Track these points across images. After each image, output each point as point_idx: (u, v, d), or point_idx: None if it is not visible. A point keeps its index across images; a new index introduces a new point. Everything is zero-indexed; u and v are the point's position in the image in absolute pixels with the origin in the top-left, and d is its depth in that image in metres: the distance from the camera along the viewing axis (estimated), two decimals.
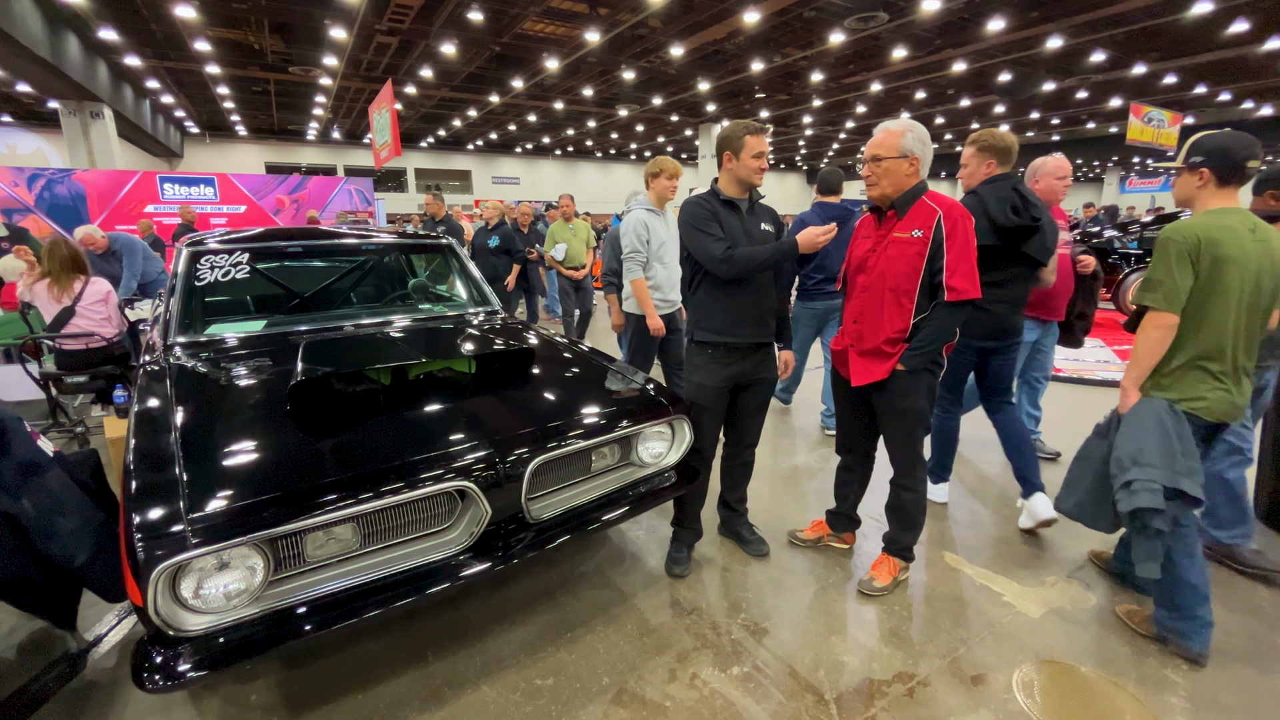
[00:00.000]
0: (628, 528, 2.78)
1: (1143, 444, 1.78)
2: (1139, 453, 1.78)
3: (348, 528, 1.60)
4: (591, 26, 10.75)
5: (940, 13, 10.16)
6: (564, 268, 5.63)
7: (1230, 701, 1.77)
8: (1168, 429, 1.77)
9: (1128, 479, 1.78)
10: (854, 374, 2.22)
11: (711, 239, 2.13)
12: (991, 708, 1.76)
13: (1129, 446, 1.81)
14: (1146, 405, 1.84)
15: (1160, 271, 1.78)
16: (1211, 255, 1.73)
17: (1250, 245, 1.74)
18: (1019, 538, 2.69)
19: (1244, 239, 1.74)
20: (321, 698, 1.80)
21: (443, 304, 3.31)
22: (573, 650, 2.00)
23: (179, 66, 13.29)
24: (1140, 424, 1.82)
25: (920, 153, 2.03)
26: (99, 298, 3.85)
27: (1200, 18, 10.44)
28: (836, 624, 2.13)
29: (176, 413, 1.78)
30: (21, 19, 8.44)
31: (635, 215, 3.36)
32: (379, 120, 9.54)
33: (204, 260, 2.73)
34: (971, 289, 1.96)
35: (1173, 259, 1.77)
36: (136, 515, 1.35)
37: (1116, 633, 2.07)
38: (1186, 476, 1.73)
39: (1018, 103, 17.90)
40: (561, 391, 2.21)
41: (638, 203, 3.45)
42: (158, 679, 1.29)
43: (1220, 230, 1.74)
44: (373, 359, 2.23)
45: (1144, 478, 1.75)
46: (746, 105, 18.00)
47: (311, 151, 24.85)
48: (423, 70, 13.68)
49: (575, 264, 5.65)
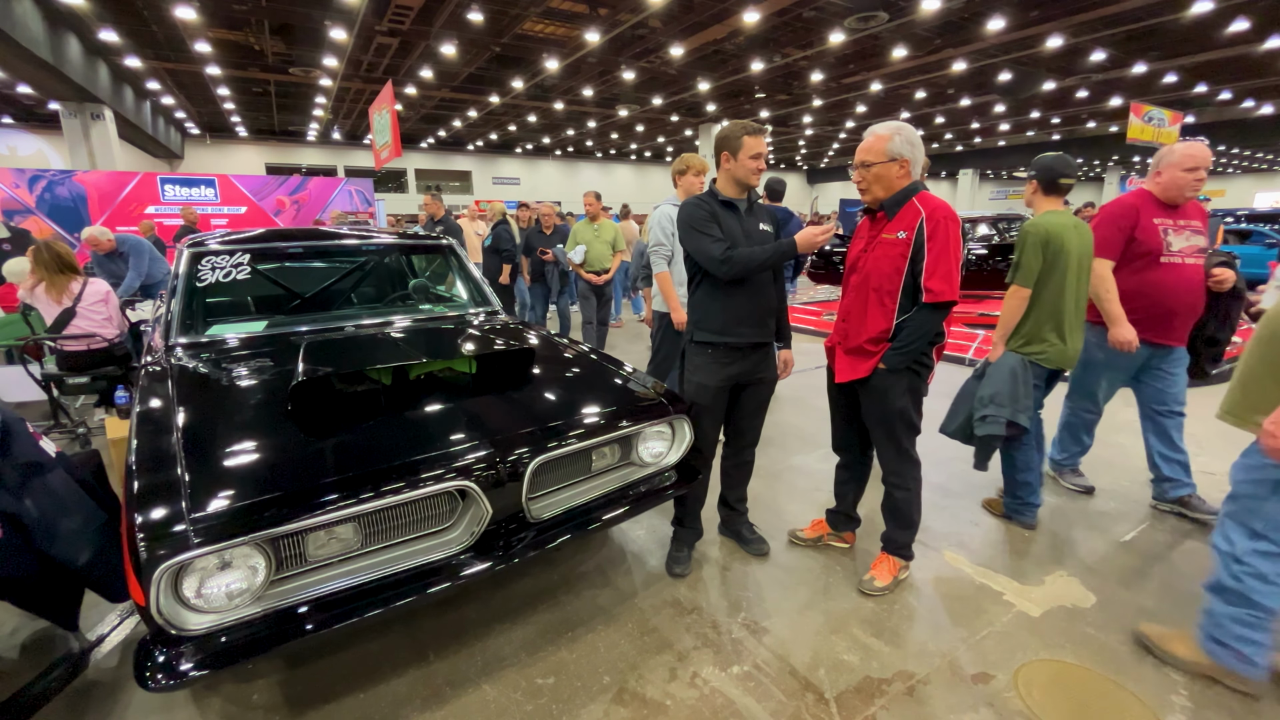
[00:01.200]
0: (628, 527, 2.78)
1: (998, 388, 2.45)
2: (995, 395, 2.45)
3: (349, 527, 1.60)
4: (591, 27, 10.76)
5: (940, 12, 10.16)
6: (584, 271, 5.35)
7: (1231, 701, 1.77)
8: (1017, 377, 2.44)
9: (983, 413, 2.47)
10: (838, 370, 2.26)
11: (710, 240, 2.13)
12: (992, 706, 1.76)
13: (988, 389, 2.48)
14: (1005, 358, 2.50)
15: (1022, 256, 2.42)
16: (1055, 245, 2.39)
17: (1074, 237, 2.42)
18: (1019, 537, 2.69)
19: (1071, 233, 2.41)
20: (323, 697, 1.81)
21: (443, 304, 3.31)
22: (573, 649, 2.01)
23: (179, 68, 13.30)
24: (999, 372, 2.48)
25: (909, 154, 2.03)
26: (99, 298, 3.86)
27: (1200, 16, 10.44)
28: (836, 623, 2.14)
29: (178, 413, 1.79)
30: (22, 20, 8.46)
31: (662, 210, 3.47)
32: (379, 121, 9.54)
33: (205, 261, 2.74)
34: (949, 291, 1.96)
35: (1028, 247, 2.41)
36: (139, 515, 1.36)
37: (1116, 631, 2.07)
38: (1023, 412, 2.43)
39: (1018, 102, 17.89)
40: (562, 391, 2.22)
41: (668, 200, 3.51)
42: (160, 678, 1.30)
43: (1058, 226, 2.40)
44: (373, 359, 2.24)
45: (993, 413, 2.44)
46: (746, 105, 17.99)
47: (312, 152, 24.87)
48: (423, 71, 13.69)
49: (597, 267, 5.34)
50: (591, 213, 5.45)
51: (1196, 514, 2.77)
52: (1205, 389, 4.42)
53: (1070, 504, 2.99)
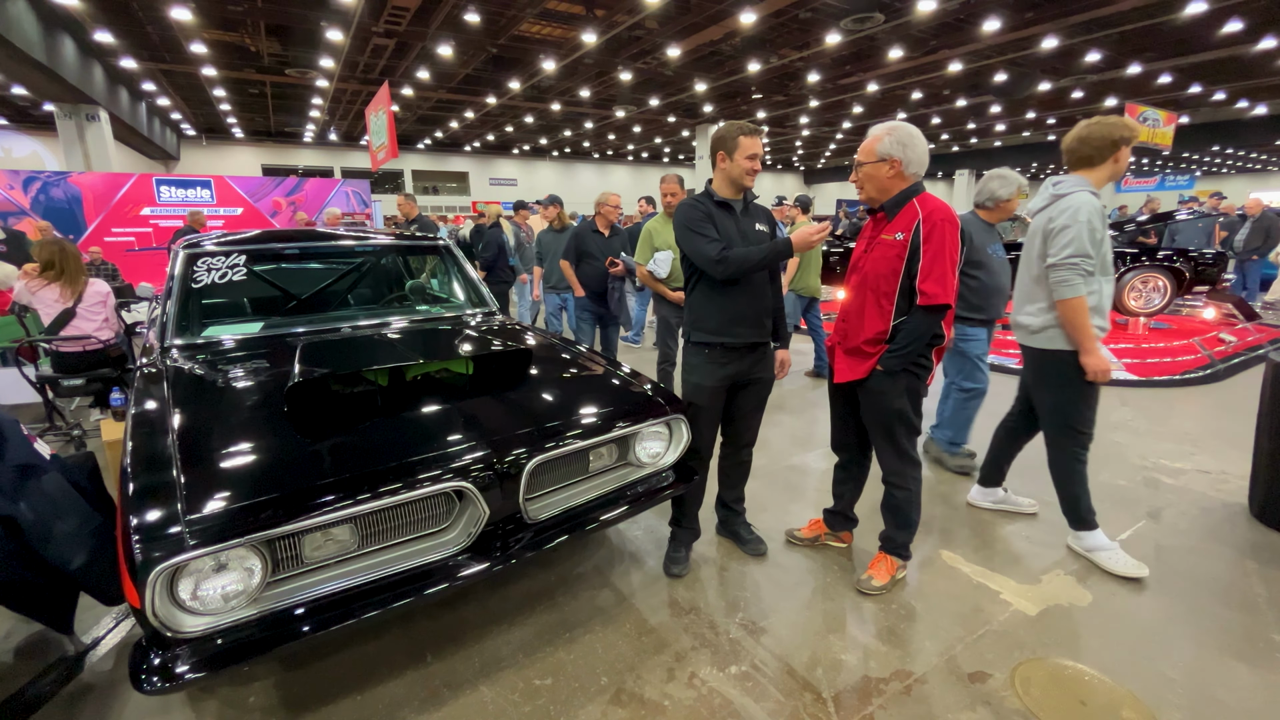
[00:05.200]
0: (626, 528, 2.78)
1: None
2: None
3: (345, 529, 1.60)
4: (588, 28, 10.76)
5: (936, 13, 10.19)
6: (668, 288, 3.72)
7: (1228, 698, 1.78)
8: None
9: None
10: (837, 371, 2.27)
11: (706, 240, 2.14)
12: (989, 705, 1.77)
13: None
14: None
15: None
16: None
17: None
18: (1016, 536, 2.70)
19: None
20: (320, 699, 1.80)
21: (440, 305, 3.31)
22: (571, 650, 2.01)
23: (175, 69, 13.26)
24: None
25: (900, 154, 2.03)
26: (99, 299, 3.84)
27: (1194, 17, 10.49)
28: (834, 622, 2.14)
29: (174, 415, 1.78)
30: (16, 21, 8.42)
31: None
32: (376, 123, 9.53)
33: (200, 262, 2.73)
34: (943, 294, 1.95)
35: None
36: (134, 516, 1.35)
37: (1114, 630, 2.08)
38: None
39: (1013, 103, 17.95)
40: (559, 392, 2.21)
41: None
42: (155, 680, 1.29)
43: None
44: (370, 360, 2.23)
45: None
46: (743, 106, 18.02)
47: (308, 154, 24.82)
48: (419, 72, 13.67)
49: (680, 281, 3.32)
50: (671, 206, 3.87)
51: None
52: (1200, 389, 4.44)
53: None
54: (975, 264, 3.03)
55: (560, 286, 4.88)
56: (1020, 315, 2.48)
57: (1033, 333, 2.41)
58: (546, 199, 5.45)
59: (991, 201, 3.03)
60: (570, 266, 4.40)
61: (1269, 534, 2.67)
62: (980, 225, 3.08)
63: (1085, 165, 2.29)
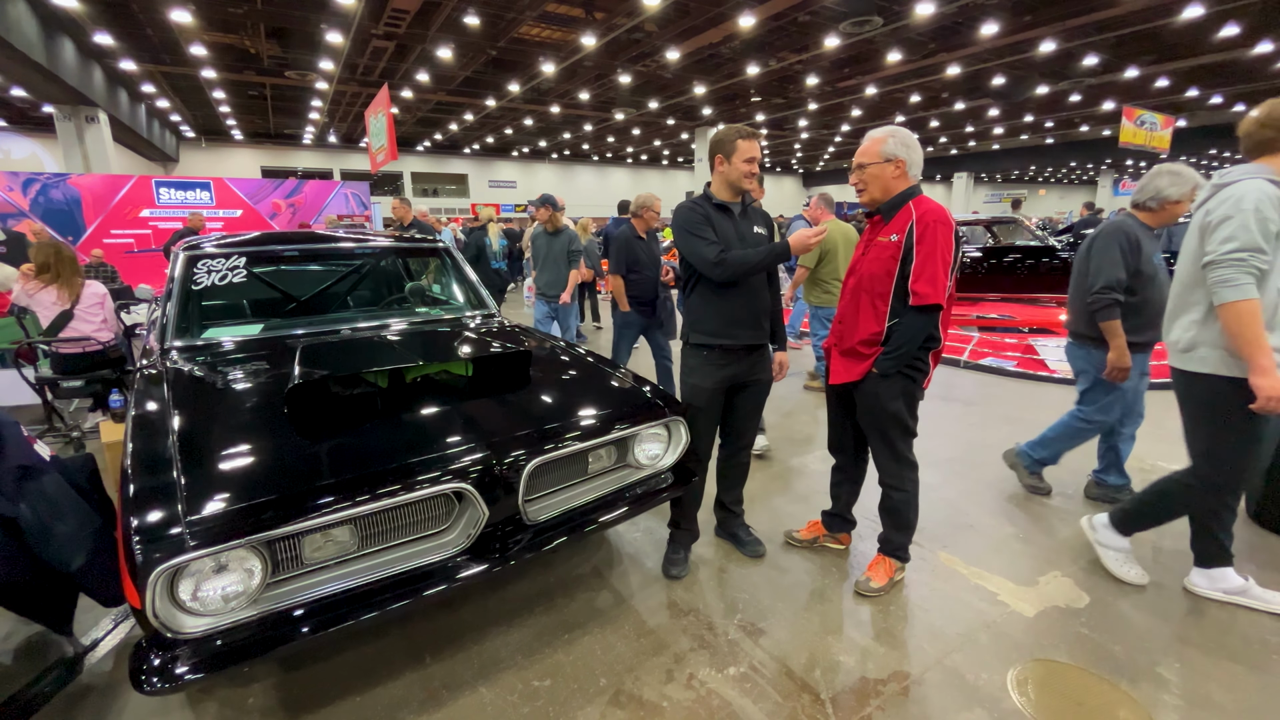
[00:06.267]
0: (625, 529, 2.79)
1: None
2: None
3: (345, 530, 1.60)
4: (588, 31, 10.80)
5: (934, 17, 10.24)
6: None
7: (1223, 699, 1.79)
8: None
9: None
10: (833, 372, 2.28)
11: (704, 243, 2.15)
12: (986, 706, 1.77)
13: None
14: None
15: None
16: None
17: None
18: (1014, 538, 2.70)
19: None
20: (319, 700, 1.81)
21: (439, 307, 3.32)
22: (570, 652, 2.01)
23: (175, 71, 13.28)
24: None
25: (904, 155, 2.06)
26: (96, 300, 3.85)
27: (1192, 21, 10.54)
28: (832, 624, 2.15)
29: (174, 416, 1.78)
30: (16, 23, 8.44)
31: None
32: (375, 125, 9.54)
33: (200, 264, 2.74)
34: (934, 294, 1.97)
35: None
36: (135, 517, 1.36)
37: (1111, 631, 2.08)
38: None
39: (1011, 106, 18.02)
40: (558, 394, 2.22)
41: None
42: (155, 681, 1.30)
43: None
44: (369, 362, 2.24)
45: None
46: (742, 109, 18.07)
47: (308, 156, 24.84)
48: (419, 74, 13.70)
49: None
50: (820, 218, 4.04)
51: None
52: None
53: (1064, 506, 3.01)
54: (1136, 274, 2.54)
55: (549, 293, 4.56)
56: (1171, 330, 2.06)
57: (1181, 351, 1.99)
58: (539, 199, 5.07)
59: (1156, 201, 2.52)
60: (620, 280, 3.97)
61: (1265, 535, 2.68)
62: (1142, 230, 2.57)
63: (1266, 151, 1.90)
